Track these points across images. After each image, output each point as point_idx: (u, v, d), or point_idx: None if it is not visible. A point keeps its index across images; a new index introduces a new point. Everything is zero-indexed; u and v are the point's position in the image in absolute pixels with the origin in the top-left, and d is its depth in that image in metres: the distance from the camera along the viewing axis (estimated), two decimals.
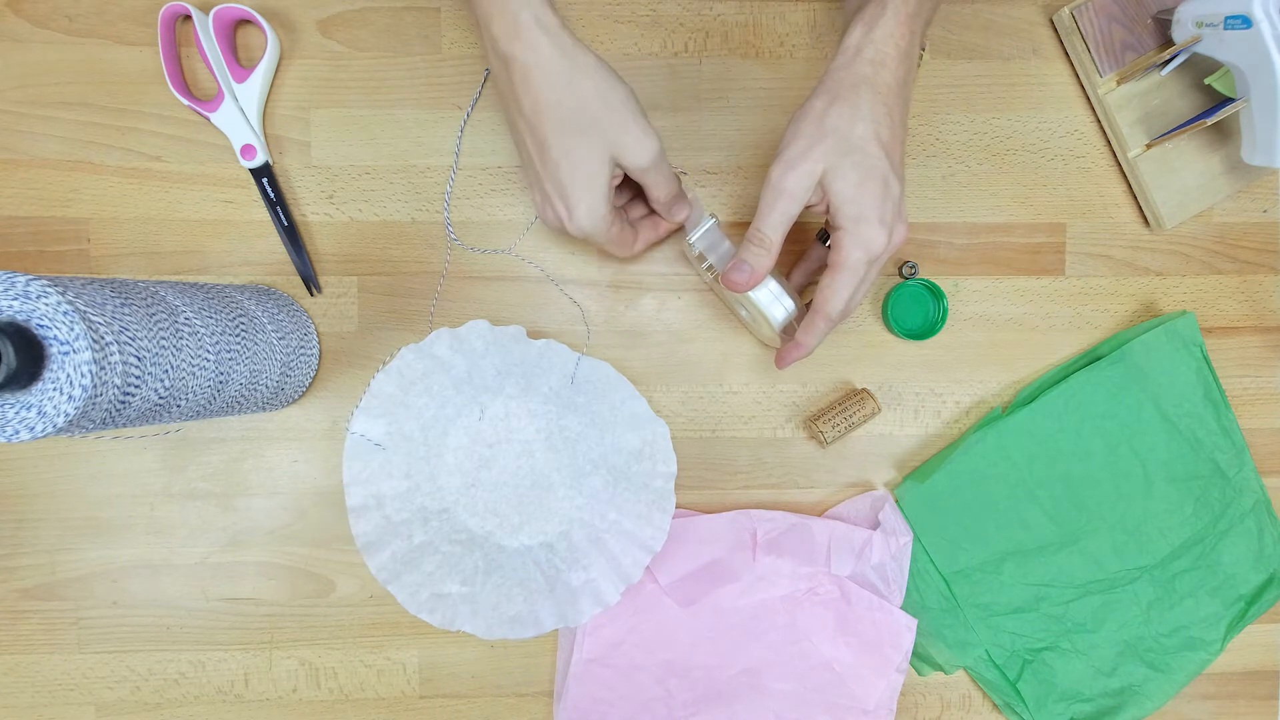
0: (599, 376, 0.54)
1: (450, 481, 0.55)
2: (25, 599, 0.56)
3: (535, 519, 0.55)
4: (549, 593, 0.53)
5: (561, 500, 0.55)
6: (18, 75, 0.54)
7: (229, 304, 0.46)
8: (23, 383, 0.33)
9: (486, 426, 0.55)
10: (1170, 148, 0.57)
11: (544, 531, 0.55)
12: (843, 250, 0.44)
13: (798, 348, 0.48)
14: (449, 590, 0.53)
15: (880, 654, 0.56)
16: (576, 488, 0.55)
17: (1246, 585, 0.59)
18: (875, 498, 0.57)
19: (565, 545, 0.55)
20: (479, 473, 0.55)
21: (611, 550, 0.53)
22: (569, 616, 0.53)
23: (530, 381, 0.54)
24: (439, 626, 0.52)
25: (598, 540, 0.54)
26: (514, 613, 0.53)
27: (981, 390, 0.59)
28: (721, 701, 0.56)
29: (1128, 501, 0.58)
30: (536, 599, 0.53)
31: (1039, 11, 0.57)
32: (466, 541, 0.54)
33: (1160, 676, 0.59)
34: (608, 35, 0.56)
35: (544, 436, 0.55)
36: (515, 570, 0.54)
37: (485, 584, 0.54)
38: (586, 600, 0.53)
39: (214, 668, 0.57)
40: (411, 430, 0.54)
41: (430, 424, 0.54)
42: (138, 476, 0.56)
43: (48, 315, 0.33)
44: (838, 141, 0.42)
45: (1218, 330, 0.60)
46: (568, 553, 0.54)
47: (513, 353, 0.53)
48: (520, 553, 0.55)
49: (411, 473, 0.54)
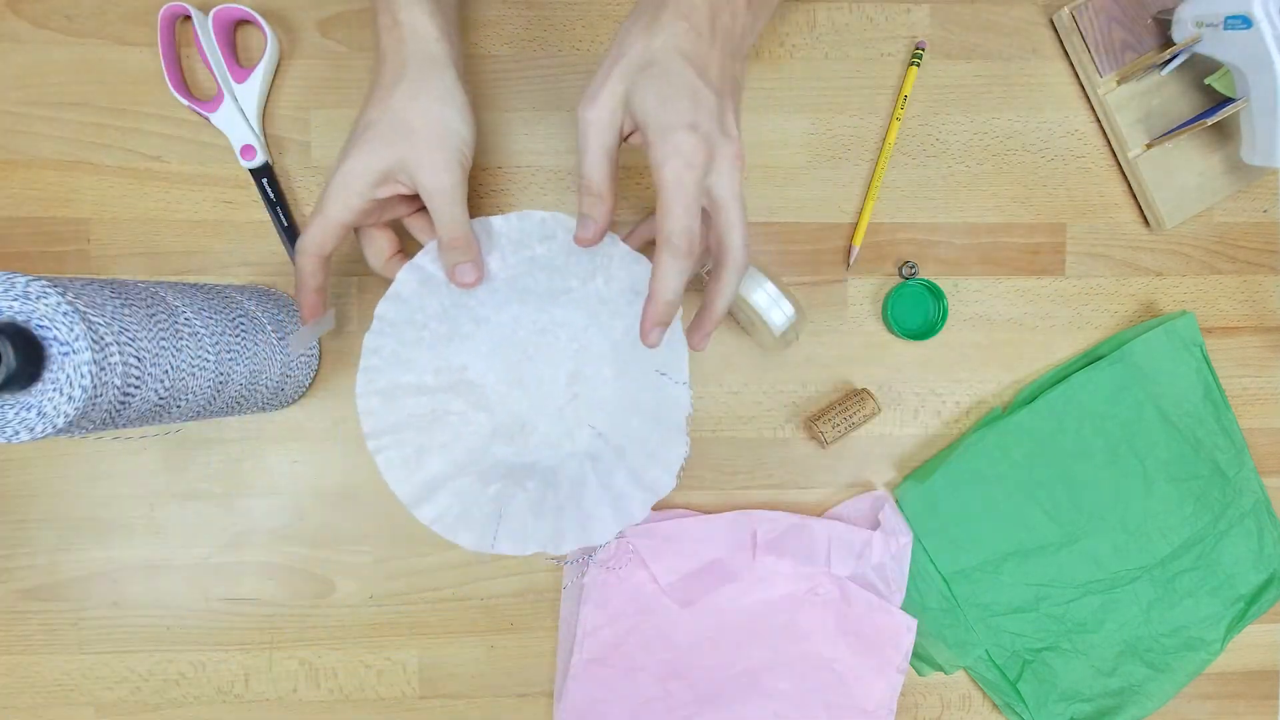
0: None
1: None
2: (25, 599, 0.56)
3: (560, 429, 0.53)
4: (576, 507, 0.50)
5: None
6: (18, 75, 0.54)
7: (229, 304, 0.46)
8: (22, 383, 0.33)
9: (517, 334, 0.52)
10: (1170, 148, 0.57)
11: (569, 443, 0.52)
12: (658, 170, 0.39)
13: (650, 298, 0.42)
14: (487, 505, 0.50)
15: (880, 654, 0.56)
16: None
17: (1246, 585, 0.59)
18: (875, 498, 0.57)
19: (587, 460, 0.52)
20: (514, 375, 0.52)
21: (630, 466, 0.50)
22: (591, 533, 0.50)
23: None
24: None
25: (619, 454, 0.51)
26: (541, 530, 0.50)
27: (981, 390, 0.59)
28: (721, 702, 0.56)
29: (1128, 501, 0.58)
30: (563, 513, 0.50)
31: (1039, 11, 0.57)
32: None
33: (1160, 676, 0.59)
34: (608, 35, 0.56)
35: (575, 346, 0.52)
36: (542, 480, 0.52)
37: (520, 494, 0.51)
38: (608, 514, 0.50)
39: (214, 668, 0.57)
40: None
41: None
42: (138, 477, 0.56)
43: (48, 316, 0.33)
44: (635, 57, 0.40)
45: (1218, 330, 0.60)
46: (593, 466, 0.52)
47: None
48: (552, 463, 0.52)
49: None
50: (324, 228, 0.45)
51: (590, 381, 0.52)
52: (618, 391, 0.52)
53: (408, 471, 0.49)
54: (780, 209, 0.57)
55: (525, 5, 0.56)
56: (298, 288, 0.47)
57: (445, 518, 0.49)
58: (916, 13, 0.57)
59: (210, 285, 0.48)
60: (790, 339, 0.53)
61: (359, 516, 0.57)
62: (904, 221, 0.58)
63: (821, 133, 0.57)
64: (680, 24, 0.40)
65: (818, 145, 0.57)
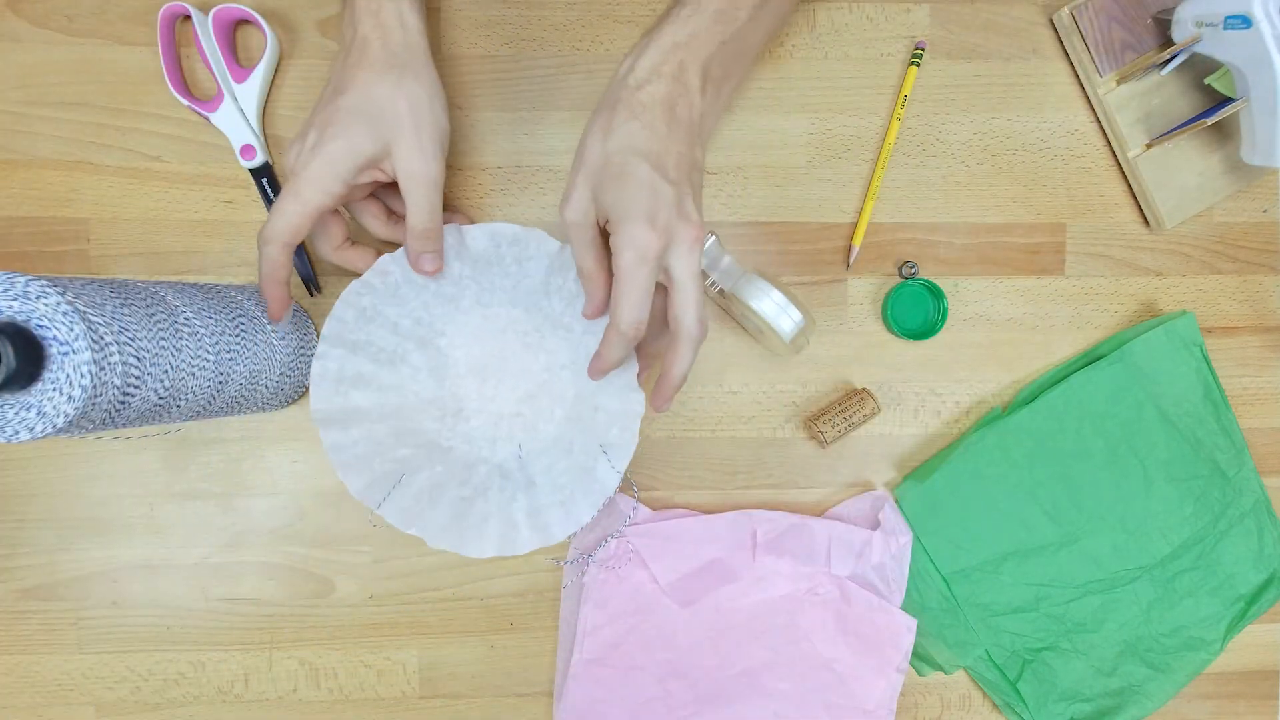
0: None
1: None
2: (25, 599, 0.56)
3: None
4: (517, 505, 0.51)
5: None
6: (17, 75, 0.54)
7: (229, 304, 0.46)
8: (22, 383, 0.33)
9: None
10: (1170, 148, 0.57)
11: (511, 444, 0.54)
12: (615, 258, 0.42)
13: (598, 358, 0.45)
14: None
15: (880, 654, 0.56)
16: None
17: (1246, 585, 0.59)
18: (875, 498, 0.57)
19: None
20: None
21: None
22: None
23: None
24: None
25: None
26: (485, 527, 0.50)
27: (981, 390, 0.59)
28: (721, 702, 0.56)
29: (1128, 501, 0.58)
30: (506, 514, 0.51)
31: (1039, 11, 0.57)
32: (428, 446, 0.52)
33: (1160, 676, 0.59)
34: (607, 35, 0.56)
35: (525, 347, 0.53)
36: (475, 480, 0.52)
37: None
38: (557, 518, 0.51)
39: (214, 668, 0.57)
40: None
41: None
42: (138, 476, 0.56)
43: (47, 315, 0.33)
44: (595, 161, 0.43)
45: (1218, 330, 0.60)
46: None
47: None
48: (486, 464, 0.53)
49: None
50: (300, 212, 0.44)
51: (540, 411, 0.54)
52: (558, 434, 0.53)
53: (334, 390, 0.49)
54: (780, 209, 0.57)
55: (525, 5, 0.56)
56: (263, 280, 0.45)
57: (345, 452, 0.49)
58: (916, 13, 0.57)
59: (210, 285, 0.48)
60: (801, 344, 0.53)
61: (359, 516, 0.57)
62: (904, 221, 0.58)
63: (821, 133, 0.57)
64: (633, 124, 0.42)
65: (818, 145, 0.57)
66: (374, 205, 0.51)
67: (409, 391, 0.52)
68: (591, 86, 0.56)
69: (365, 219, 0.51)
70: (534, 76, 0.56)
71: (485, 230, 0.50)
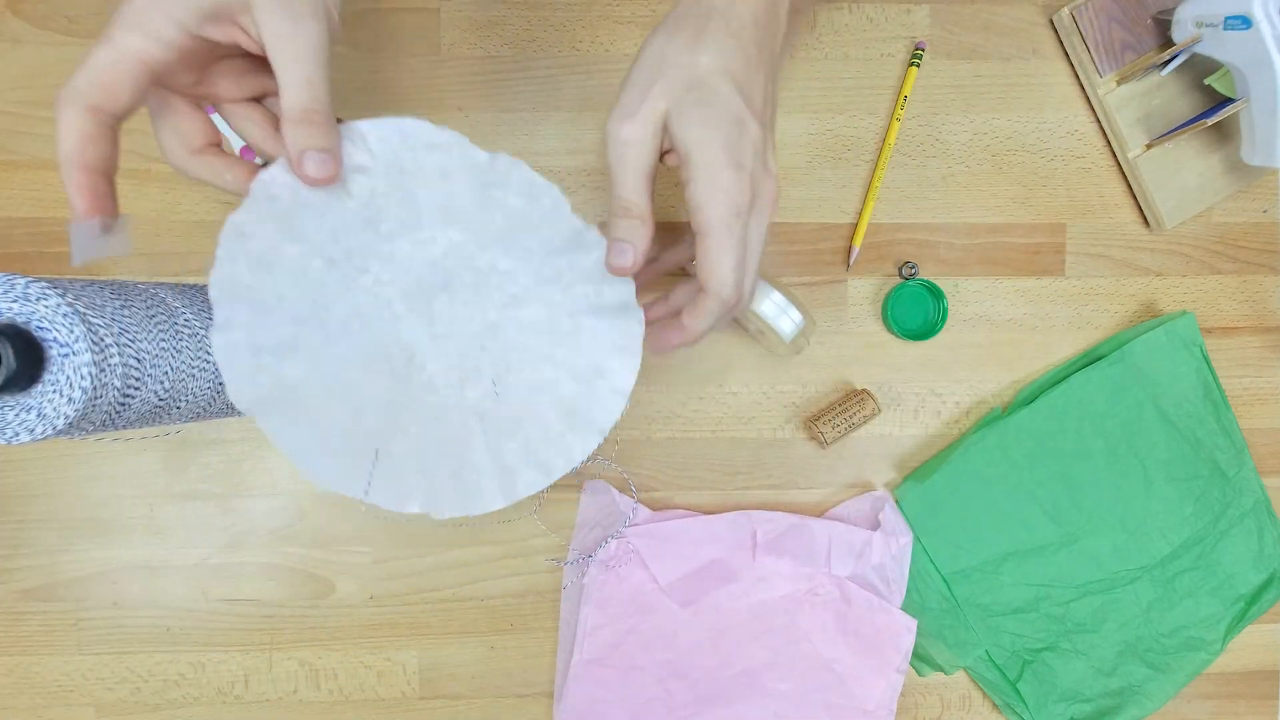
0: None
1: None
2: (25, 600, 0.56)
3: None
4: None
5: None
6: (18, 76, 0.54)
7: None
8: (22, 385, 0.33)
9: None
10: (1170, 148, 0.57)
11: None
12: (702, 208, 0.36)
13: (681, 330, 0.39)
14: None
15: (880, 654, 0.56)
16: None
17: (1246, 585, 0.59)
18: (875, 498, 0.57)
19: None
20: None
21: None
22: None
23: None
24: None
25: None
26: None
27: (981, 390, 0.59)
28: (721, 702, 0.56)
29: (1128, 501, 0.58)
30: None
31: (1039, 11, 0.57)
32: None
33: (1160, 676, 0.59)
34: (607, 35, 0.56)
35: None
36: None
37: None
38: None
39: (214, 669, 0.57)
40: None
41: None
42: (138, 477, 0.56)
43: (47, 317, 0.33)
44: (679, 76, 0.35)
45: (1218, 330, 0.60)
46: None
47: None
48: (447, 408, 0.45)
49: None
50: (114, 64, 0.32)
51: (508, 344, 0.45)
52: (537, 371, 0.45)
53: (255, 367, 0.40)
54: (780, 209, 0.57)
55: (525, 6, 0.55)
56: (61, 165, 0.32)
57: (304, 443, 0.40)
58: (916, 13, 0.57)
59: None
60: (801, 345, 0.53)
61: (359, 517, 0.57)
62: (904, 221, 0.58)
63: (821, 133, 0.57)
64: (730, 42, 0.36)
65: (818, 145, 0.57)
66: (256, 111, 0.39)
67: (345, 349, 0.43)
68: (592, 86, 0.56)
69: (245, 127, 0.39)
70: (534, 76, 0.56)
71: (393, 128, 0.40)
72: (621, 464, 0.57)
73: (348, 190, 0.40)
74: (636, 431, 0.57)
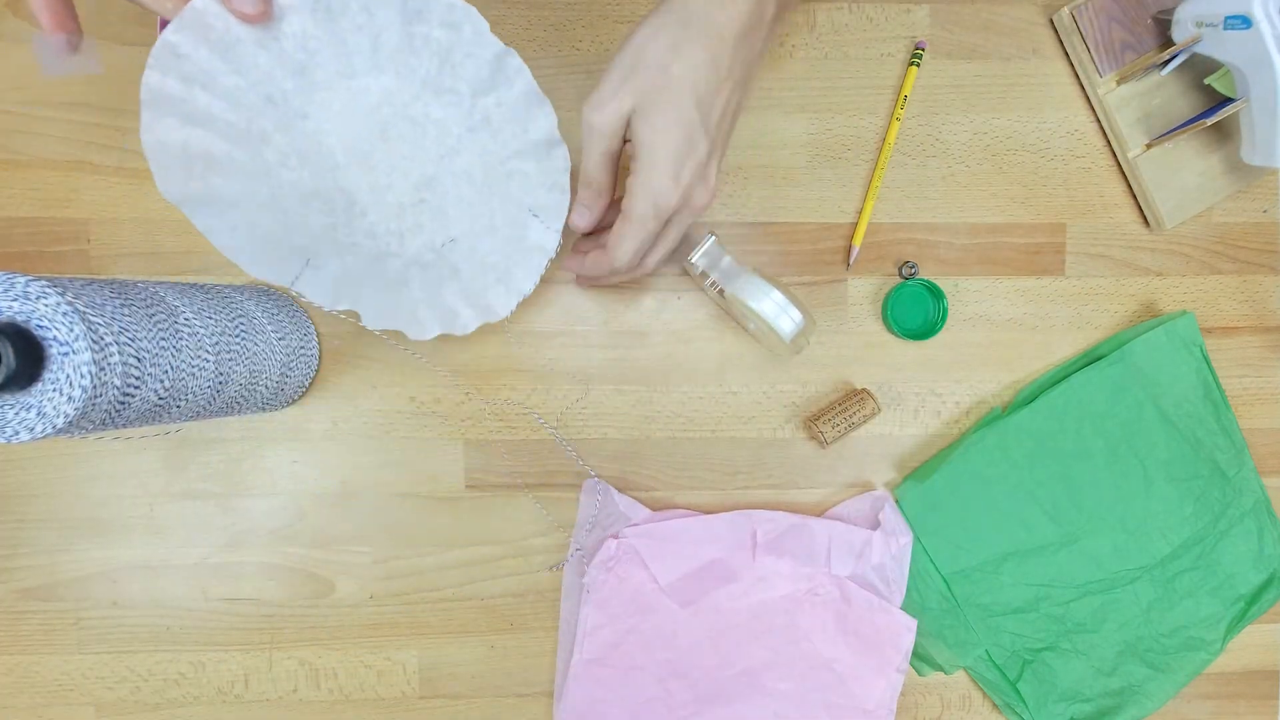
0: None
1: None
2: (25, 599, 0.56)
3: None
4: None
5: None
6: (18, 75, 0.54)
7: (228, 304, 0.46)
8: (22, 383, 0.33)
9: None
10: (1170, 148, 0.57)
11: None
12: (631, 197, 0.41)
13: (581, 272, 0.47)
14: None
15: (880, 654, 0.56)
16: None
17: (1246, 585, 0.59)
18: (876, 498, 0.57)
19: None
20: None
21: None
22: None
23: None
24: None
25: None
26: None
27: (981, 390, 0.59)
28: (721, 702, 0.56)
29: (1128, 501, 0.58)
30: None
31: (1039, 11, 0.57)
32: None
33: (1160, 676, 0.59)
34: (607, 35, 0.56)
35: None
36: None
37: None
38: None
39: (214, 668, 0.57)
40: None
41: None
42: (137, 477, 0.56)
43: (47, 316, 0.33)
44: (649, 78, 0.39)
45: (1218, 330, 0.60)
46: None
47: None
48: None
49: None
50: None
51: (445, 195, 0.47)
52: (472, 215, 0.48)
53: (188, 174, 0.41)
54: (780, 209, 0.57)
55: (525, 5, 0.55)
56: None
57: (226, 236, 0.42)
58: (916, 13, 0.57)
59: (210, 285, 0.48)
60: (801, 345, 0.53)
61: (359, 516, 0.57)
62: (904, 221, 0.58)
63: (821, 133, 0.57)
64: (702, 55, 0.39)
65: (818, 145, 0.57)
66: None
67: (282, 182, 0.44)
68: (591, 86, 0.56)
69: None
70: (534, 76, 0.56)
71: None
72: (621, 464, 0.57)
73: (281, 31, 0.41)
74: (636, 431, 0.57)
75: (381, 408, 0.56)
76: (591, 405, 0.57)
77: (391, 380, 0.56)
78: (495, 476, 0.57)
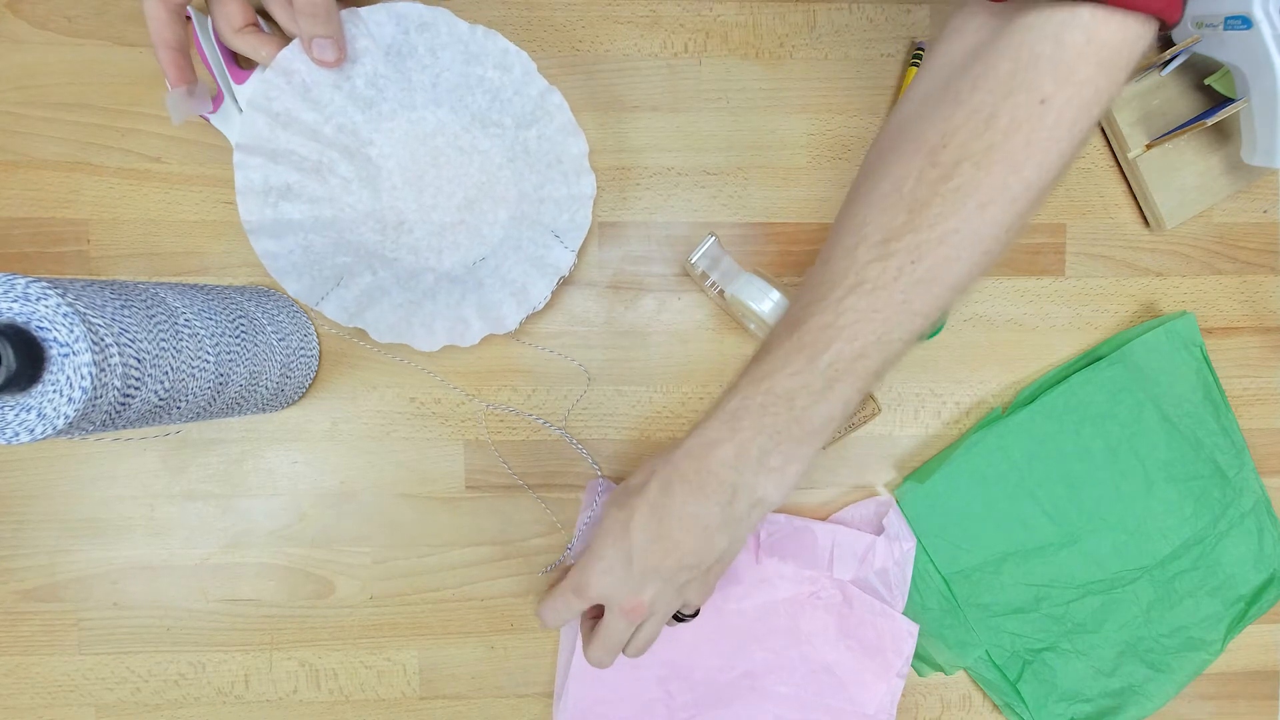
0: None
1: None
2: (25, 600, 0.56)
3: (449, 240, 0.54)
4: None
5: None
6: (17, 76, 0.54)
7: (229, 305, 0.46)
8: (22, 385, 0.33)
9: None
10: (1170, 148, 0.57)
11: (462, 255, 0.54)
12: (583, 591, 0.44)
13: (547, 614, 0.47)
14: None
15: (881, 658, 0.56)
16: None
17: (1246, 585, 0.59)
18: (879, 503, 0.57)
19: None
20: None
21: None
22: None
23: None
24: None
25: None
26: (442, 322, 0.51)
27: (981, 390, 0.59)
28: (722, 703, 0.56)
29: (1128, 501, 0.58)
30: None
31: None
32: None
33: (1160, 677, 0.59)
34: (607, 35, 0.56)
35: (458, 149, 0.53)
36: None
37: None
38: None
39: (214, 669, 0.57)
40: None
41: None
42: (138, 478, 0.56)
43: (47, 317, 0.33)
44: (616, 563, 0.43)
45: (1218, 330, 0.60)
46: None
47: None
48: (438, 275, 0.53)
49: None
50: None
51: (482, 216, 0.53)
52: (504, 236, 0.53)
53: (262, 201, 0.49)
54: (780, 209, 0.57)
55: (525, 6, 0.56)
56: (154, 45, 0.45)
57: (281, 259, 0.49)
58: (916, 13, 0.57)
59: (210, 286, 0.48)
60: None
61: (359, 517, 0.57)
62: None
63: (821, 133, 0.57)
64: (643, 535, 0.41)
65: (818, 145, 0.57)
66: (233, 3, 0.47)
67: (343, 204, 0.52)
68: (591, 86, 0.56)
69: (218, 15, 0.48)
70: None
71: (387, 12, 0.48)
72: (622, 464, 0.57)
73: (355, 71, 0.49)
74: (636, 431, 0.57)
75: (381, 408, 0.56)
76: (591, 405, 0.57)
77: (391, 381, 0.56)
78: (495, 477, 0.57)
